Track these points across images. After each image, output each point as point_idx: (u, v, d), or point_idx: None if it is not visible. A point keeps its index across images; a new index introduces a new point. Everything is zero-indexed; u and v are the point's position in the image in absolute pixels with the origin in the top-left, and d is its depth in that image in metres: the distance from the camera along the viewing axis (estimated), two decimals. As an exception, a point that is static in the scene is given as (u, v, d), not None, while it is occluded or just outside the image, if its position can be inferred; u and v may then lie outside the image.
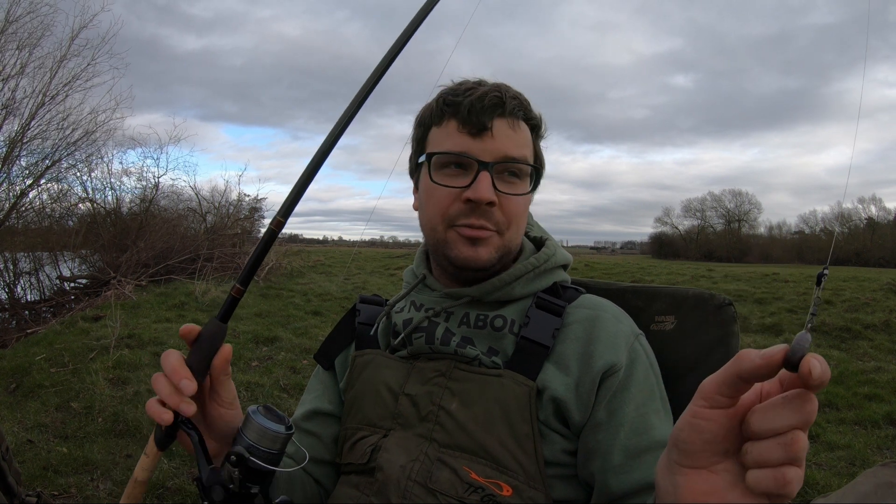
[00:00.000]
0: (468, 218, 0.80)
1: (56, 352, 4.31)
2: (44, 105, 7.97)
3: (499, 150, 0.80)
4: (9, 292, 7.66)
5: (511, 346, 0.82)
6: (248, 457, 0.65)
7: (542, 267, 0.87)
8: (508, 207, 0.82)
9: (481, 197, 0.78)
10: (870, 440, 3.32)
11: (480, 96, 0.80)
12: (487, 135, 0.80)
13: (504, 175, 0.82)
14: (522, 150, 0.83)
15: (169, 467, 2.63)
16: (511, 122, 0.82)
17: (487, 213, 0.80)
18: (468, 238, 0.81)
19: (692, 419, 0.45)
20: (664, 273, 13.07)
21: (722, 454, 0.45)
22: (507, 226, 0.82)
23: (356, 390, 0.89)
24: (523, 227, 0.87)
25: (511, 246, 0.85)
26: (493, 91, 0.81)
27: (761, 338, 5.98)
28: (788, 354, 0.39)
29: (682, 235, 55.95)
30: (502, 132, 0.81)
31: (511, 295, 0.85)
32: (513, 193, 0.82)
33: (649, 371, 0.81)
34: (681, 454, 0.47)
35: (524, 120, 0.85)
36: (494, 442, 0.75)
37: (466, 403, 0.78)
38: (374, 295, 1.01)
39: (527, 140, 0.85)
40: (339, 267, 14.44)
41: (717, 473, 0.45)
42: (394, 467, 0.77)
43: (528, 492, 0.74)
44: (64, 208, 9.29)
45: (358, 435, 0.85)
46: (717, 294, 0.92)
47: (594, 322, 0.82)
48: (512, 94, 0.83)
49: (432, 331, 0.84)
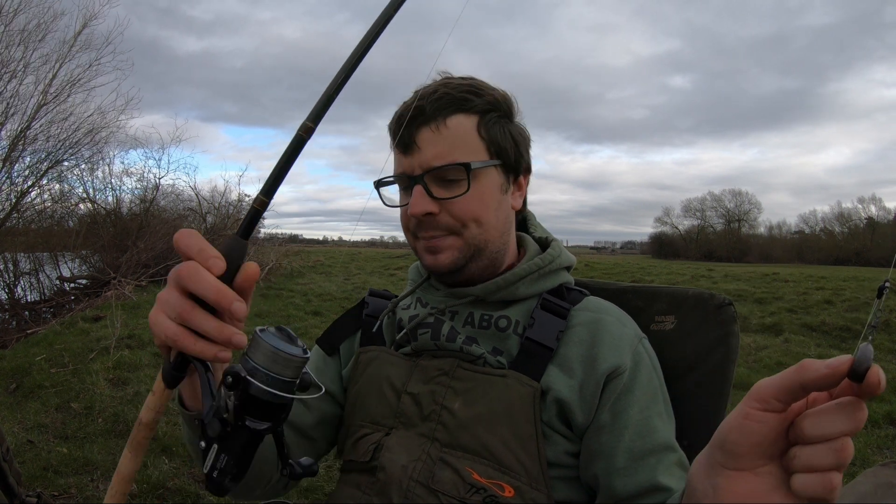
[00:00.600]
0: (420, 230, 0.84)
1: (56, 352, 4.31)
2: (46, 104, 7.97)
3: (423, 160, 0.80)
4: (9, 293, 7.66)
5: (515, 346, 0.82)
6: (249, 378, 0.51)
7: (547, 268, 0.87)
8: (454, 210, 0.81)
9: (415, 213, 0.81)
10: (870, 440, 3.33)
11: (403, 112, 0.82)
12: (415, 148, 0.81)
13: (441, 180, 0.81)
14: (449, 151, 0.80)
15: (169, 467, 2.63)
16: (434, 127, 0.80)
17: (432, 223, 0.82)
18: (427, 248, 0.84)
19: (744, 421, 0.45)
20: (664, 273, 13.07)
21: (768, 457, 0.45)
22: (460, 227, 0.81)
23: (360, 387, 0.89)
24: (491, 221, 0.84)
25: (478, 243, 0.83)
26: (417, 101, 0.81)
27: (761, 338, 5.98)
28: (855, 365, 0.40)
29: (682, 235, 55.95)
30: (426, 141, 0.80)
31: (515, 295, 0.85)
32: (451, 196, 0.80)
33: (653, 374, 0.81)
34: (726, 455, 0.47)
35: (460, 112, 0.81)
36: (497, 442, 0.75)
37: (470, 403, 0.78)
38: (383, 290, 1.02)
39: (457, 135, 0.81)
40: (339, 267, 14.44)
41: (760, 476, 0.46)
42: (396, 467, 0.77)
43: (530, 493, 0.74)
44: (65, 209, 9.30)
45: (361, 432, 0.85)
46: (717, 294, 0.92)
47: (598, 325, 0.82)
48: (438, 95, 0.80)
49: (438, 327, 0.84)
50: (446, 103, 0.80)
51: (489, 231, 0.84)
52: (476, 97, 0.82)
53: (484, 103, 0.83)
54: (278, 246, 13.01)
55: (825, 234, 48.99)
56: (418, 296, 0.91)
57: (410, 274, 0.97)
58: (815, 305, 7.58)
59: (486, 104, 0.83)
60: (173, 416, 3.22)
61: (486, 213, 0.83)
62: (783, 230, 54.38)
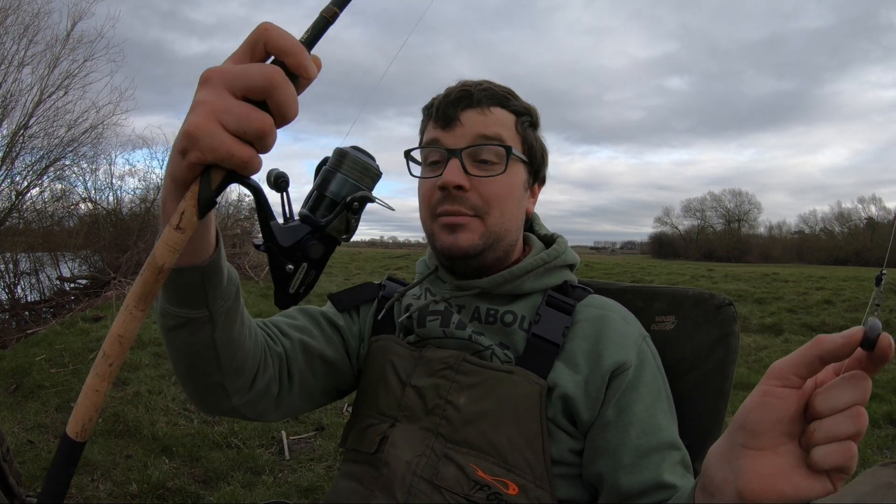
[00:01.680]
0: (444, 205, 0.82)
1: (56, 352, 4.31)
2: (42, 102, 7.97)
3: (467, 134, 0.82)
4: (9, 293, 7.66)
5: (522, 342, 0.82)
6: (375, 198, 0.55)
7: (553, 263, 0.87)
8: (484, 190, 0.82)
9: (447, 181, 0.80)
10: (870, 440, 3.32)
11: (448, 93, 0.85)
12: (456, 124, 0.83)
13: (477, 161, 0.83)
14: (495, 130, 0.83)
15: (169, 467, 2.63)
16: (480, 110, 0.83)
17: (460, 198, 0.81)
18: (447, 226, 0.82)
19: (764, 398, 0.47)
20: (664, 273, 13.07)
21: (788, 436, 0.47)
22: (486, 209, 0.82)
23: (369, 376, 0.89)
24: (512, 213, 0.85)
25: (499, 231, 0.84)
26: (462, 86, 0.85)
27: (761, 338, 5.98)
28: (868, 333, 0.43)
29: (681, 235, 55.95)
30: (471, 119, 0.83)
31: (521, 289, 0.85)
32: (485, 175, 0.82)
33: (657, 373, 0.81)
34: (748, 435, 0.48)
35: (501, 106, 0.85)
36: (503, 440, 0.75)
37: (475, 399, 0.78)
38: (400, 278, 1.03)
39: (501, 122, 0.84)
40: (339, 267, 14.43)
41: (782, 455, 0.47)
42: (399, 463, 0.77)
43: (534, 491, 0.74)
44: (65, 208, 9.30)
45: (367, 422, 0.85)
46: (717, 294, 0.92)
47: (603, 321, 0.82)
48: (483, 87, 0.84)
49: (448, 316, 0.84)
50: (491, 95, 0.84)
51: (509, 221, 0.85)
52: (514, 99, 0.87)
53: (520, 106, 0.87)
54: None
55: (825, 234, 49.00)
56: (426, 286, 0.91)
57: (418, 268, 0.97)
58: (815, 305, 7.58)
59: (521, 107, 0.87)
60: (173, 416, 3.23)
61: (510, 202, 0.85)
62: (783, 230, 54.47)
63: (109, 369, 0.46)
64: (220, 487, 2.51)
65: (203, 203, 0.46)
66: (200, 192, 0.46)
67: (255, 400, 0.78)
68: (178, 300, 0.62)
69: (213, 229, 0.59)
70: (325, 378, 0.89)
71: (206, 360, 0.68)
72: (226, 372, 0.70)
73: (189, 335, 0.65)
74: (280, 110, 0.44)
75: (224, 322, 0.66)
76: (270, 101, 0.43)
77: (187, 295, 0.62)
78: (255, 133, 0.43)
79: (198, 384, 0.72)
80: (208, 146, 0.43)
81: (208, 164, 0.45)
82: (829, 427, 0.44)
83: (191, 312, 0.63)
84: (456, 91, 0.84)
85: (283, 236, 0.52)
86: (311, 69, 0.45)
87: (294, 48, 0.44)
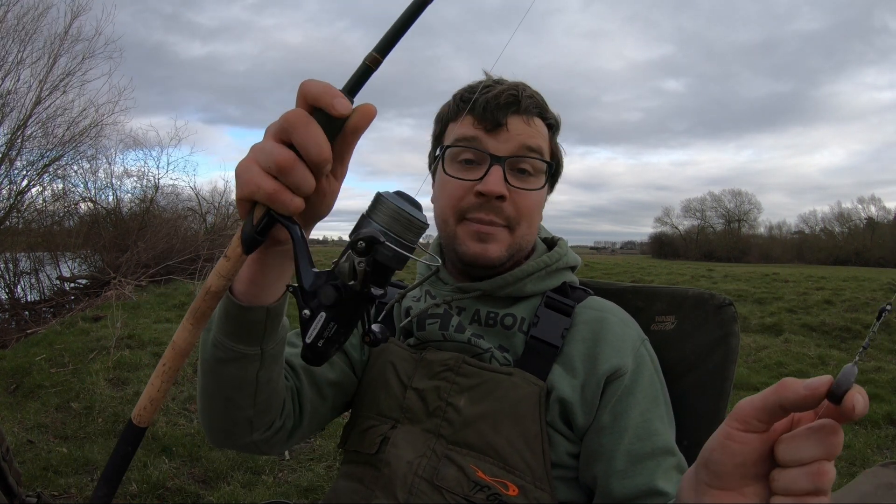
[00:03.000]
0: (478, 212, 0.81)
1: (56, 352, 4.31)
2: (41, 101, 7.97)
3: (513, 143, 0.81)
4: (9, 292, 7.66)
5: (521, 344, 0.82)
6: (384, 241, 0.49)
7: (554, 266, 0.87)
8: (520, 203, 0.81)
9: (491, 190, 0.78)
10: (870, 440, 3.32)
11: (496, 94, 0.82)
12: (502, 130, 0.81)
13: (517, 171, 0.82)
14: (538, 142, 0.83)
15: (169, 467, 2.63)
16: (526, 119, 0.82)
17: (498, 207, 0.80)
18: (477, 233, 0.81)
19: (725, 441, 0.45)
20: (664, 273, 13.07)
21: (752, 478, 0.45)
22: (517, 221, 0.82)
23: (369, 378, 0.89)
24: (536, 226, 0.87)
25: (523, 244, 0.84)
26: (509, 89, 0.82)
27: (761, 338, 5.98)
28: (833, 388, 0.39)
29: (682, 235, 55.94)
30: (517, 128, 0.81)
31: (522, 291, 0.85)
32: (525, 188, 0.81)
33: (654, 377, 0.81)
34: (711, 475, 0.46)
35: (541, 118, 0.85)
36: (503, 441, 0.75)
37: (475, 400, 0.78)
38: (398, 280, 1.02)
39: (543, 135, 0.85)
40: (339, 267, 14.38)
41: (746, 496, 0.45)
42: (401, 463, 0.77)
43: (534, 492, 0.74)
44: (65, 208, 9.30)
45: (367, 423, 0.85)
46: (717, 294, 0.92)
47: (601, 324, 0.82)
48: (528, 94, 0.84)
49: (447, 319, 0.84)
50: (535, 104, 0.84)
51: (532, 234, 0.86)
52: (547, 110, 0.86)
53: (552, 119, 0.87)
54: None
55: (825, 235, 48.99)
56: (426, 288, 0.91)
57: (419, 268, 0.96)
58: (815, 305, 7.58)
59: (554, 120, 0.87)
60: (173, 416, 3.22)
61: (537, 216, 0.86)
62: (783, 230, 54.46)
63: (163, 369, 0.54)
64: (220, 487, 2.51)
65: (245, 237, 0.51)
66: (243, 227, 0.51)
67: (272, 435, 0.80)
68: (237, 336, 0.64)
69: (284, 277, 0.61)
70: (333, 398, 0.89)
71: (245, 395, 0.70)
72: (258, 408, 0.73)
73: (238, 370, 0.67)
74: (301, 148, 0.47)
75: (270, 362, 0.69)
76: (292, 140, 0.47)
77: (248, 332, 0.64)
78: (276, 167, 0.47)
79: (227, 417, 0.74)
80: (243, 181, 0.49)
81: (252, 202, 0.50)
82: (787, 482, 0.42)
83: (246, 349, 0.65)
84: (505, 95, 0.81)
85: (307, 278, 0.51)
86: (337, 106, 0.46)
87: (318, 90, 0.47)
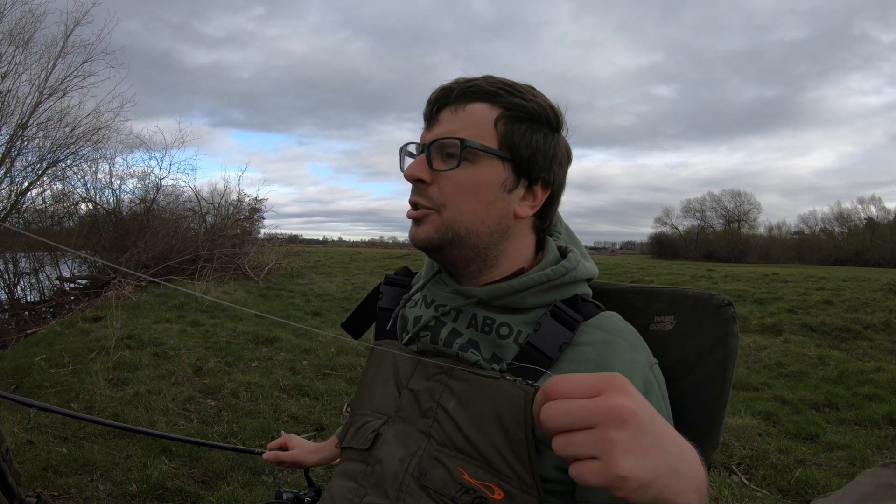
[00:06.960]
0: (411, 198, 0.86)
1: (56, 352, 4.31)
2: (41, 104, 7.97)
3: (437, 132, 0.84)
4: (9, 293, 7.66)
5: (513, 354, 0.81)
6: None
7: (559, 280, 0.85)
8: (443, 184, 0.83)
9: (406, 174, 0.84)
10: (870, 440, 3.32)
11: (433, 92, 0.87)
12: (434, 124, 0.85)
13: (446, 156, 0.84)
14: (456, 129, 0.83)
15: (169, 467, 2.63)
16: (453, 109, 0.84)
17: (421, 190, 0.84)
18: (411, 218, 0.86)
19: None
20: (664, 273, 13.08)
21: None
22: (442, 203, 0.83)
23: (369, 376, 0.91)
24: (473, 210, 0.83)
25: (457, 228, 0.83)
26: (447, 84, 0.86)
27: (761, 338, 5.98)
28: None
29: (681, 235, 55.95)
30: (445, 118, 0.85)
31: (522, 304, 0.84)
32: (441, 170, 0.83)
33: (661, 403, 0.80)
34: None
35: (486, 102, 0.83)
36: (488, 445, 0.75)
37: (463, 404, 0.78)
38: (402, 268, 1.03)
39: (469, 121, 0.83)
40: (338, 267, 14.43)
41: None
42: (393, 460, 0.78)
43: (520, 497, 0.73)
44: (65, 208, 9.31)
45: (363, 420, 0.87)
46: (716, 294, 0.92)
47: (609, 347, 0.80)
48: (467, 85, 0.84)
49: (437, 331, 0.84)
50: (472, 92, 0.84)
51: (469, 220, 0.83)
52: (507, 95, 0.84)
53: (512, 102, 0.83)
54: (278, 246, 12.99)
55: (825, 235, 49.00)
56: (425, 293, 0.91)
57: (426, 265, 0.97)
58: (815, 306, 7.58)
59: (514, 104, 0.83)
60: (173, 416, 3.23)
61: (471, 199, 0.82)
62: (783, 230, 54.44)
63: None
64: (220, 487, 2.51)
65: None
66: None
67: None
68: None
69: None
70: None
71: None
72: None
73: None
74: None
75: None
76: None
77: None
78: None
79: None
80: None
81: None
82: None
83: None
84: (438, 91, 0.86)
85: None
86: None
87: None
